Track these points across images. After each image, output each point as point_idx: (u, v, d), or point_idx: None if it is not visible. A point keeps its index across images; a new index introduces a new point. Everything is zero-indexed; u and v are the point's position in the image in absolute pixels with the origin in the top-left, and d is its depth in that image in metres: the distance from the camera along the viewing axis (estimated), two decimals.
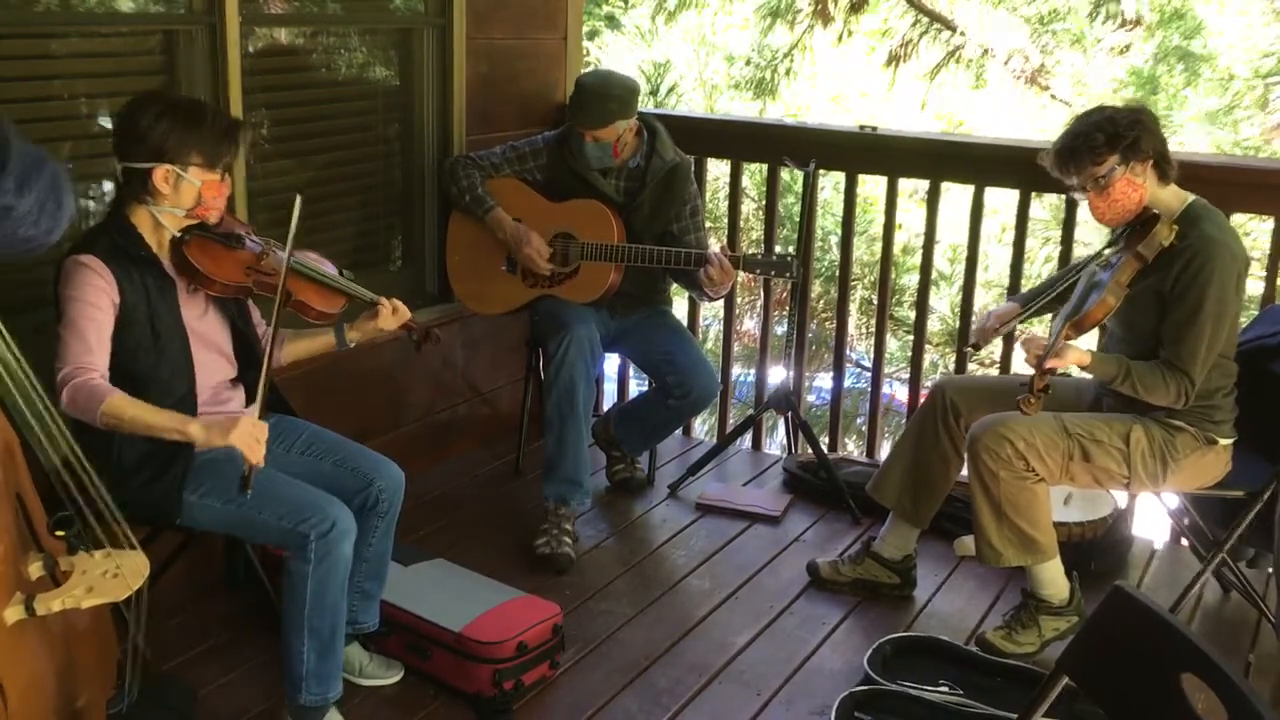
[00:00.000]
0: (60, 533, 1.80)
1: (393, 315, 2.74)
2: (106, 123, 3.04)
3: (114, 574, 1.79)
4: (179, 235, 2.49)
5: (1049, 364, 2.73)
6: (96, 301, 2.37)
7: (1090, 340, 3.00)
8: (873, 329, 4.40)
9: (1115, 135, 2.79)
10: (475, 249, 3.73)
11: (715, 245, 3.53)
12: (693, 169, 3.79)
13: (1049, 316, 3.23)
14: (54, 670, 1.83)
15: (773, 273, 3.43)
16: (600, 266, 3.56)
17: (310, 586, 2.45)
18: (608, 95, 3.47)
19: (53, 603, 1.72)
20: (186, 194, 2.45)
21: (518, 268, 3.69)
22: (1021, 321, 3.14)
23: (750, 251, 3.50)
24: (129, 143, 2.41)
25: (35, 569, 1.78)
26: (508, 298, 3.73)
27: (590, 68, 4.46)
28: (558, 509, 3.48)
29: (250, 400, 2.66)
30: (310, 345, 2.80)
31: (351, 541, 2.49)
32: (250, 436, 2.33)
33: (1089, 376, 2.95)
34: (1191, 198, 2.88)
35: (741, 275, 3.52)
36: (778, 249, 3.51)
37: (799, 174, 3.76)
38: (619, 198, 3.62)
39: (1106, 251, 2.91)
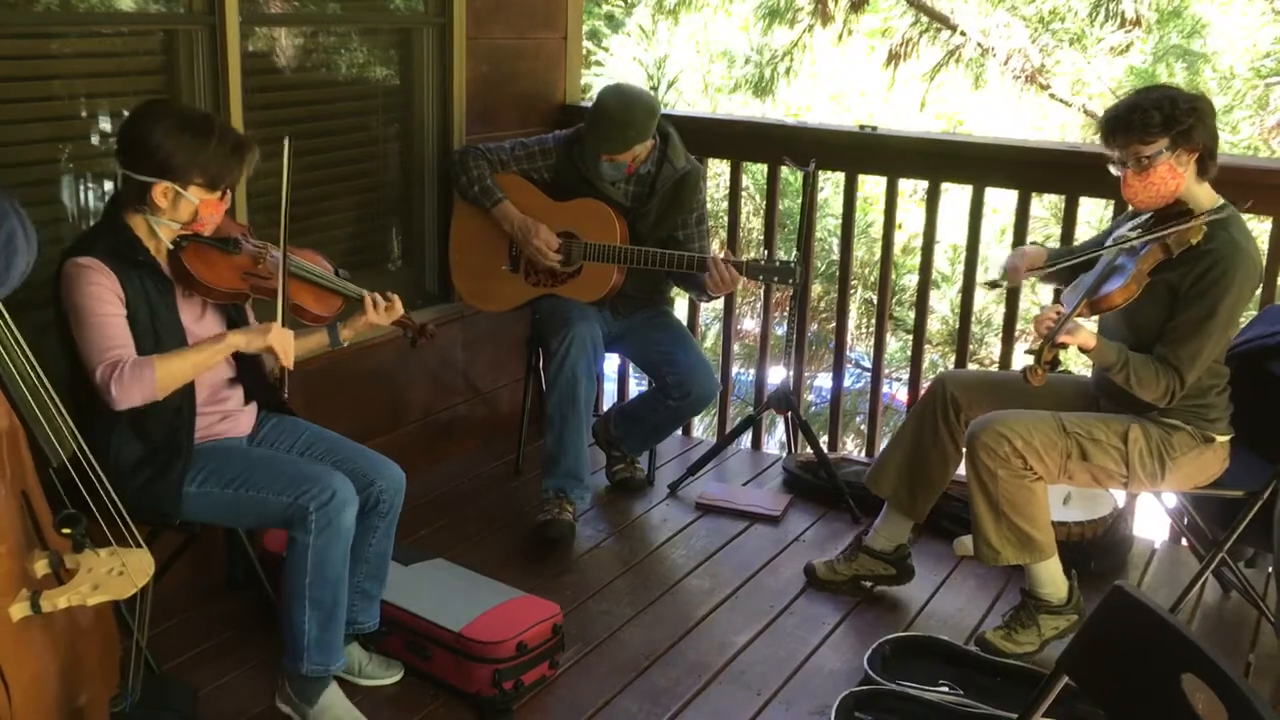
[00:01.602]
0: (66, 530, 1.80)
1: (382, 311, 2.73)
2: (107, 123, 3.04)
3: (119, 572, 1.79)
4: (173, 245, 2.50)
5: (1061, 338, 2.70)
6: (106, 299, 2.38)
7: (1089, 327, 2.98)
8: (872, 329, 4.40)
9: (1171, 118, 2.74)
10: (478, 246, 3.73)
11: (717, 247, 3.52)
12: (702, 177, 3.79)
13: (1046, 295, 3.20)
14: (57, 667, 1.83)
15: (775, 279, 3.42)
16: (603, 267, 3.56)
17: (311, 557, 2.45)
18: (629, 122, 3.44)
19: (59, 600, 1.72)
20: (184, 210, 2.45)
21: (520, 266, 3.69)
22: (1043, 276, 3.11)
23: (752, 257, 3.49)
24: (134, 153, 2.41)
25: (40, 566, 1.78)
26: (510, 295, 3.74)
27: (599, 73, 4.45)
28: (557, 497, 3.49)
29: (248, 400, 2.67)
30: (304, 344, 2.81)
31: (353, 511, 2.49)
32: (284, 339, 2.50)
33: (1087, 375, 2.95)
34: (1222, 200, 2.85)
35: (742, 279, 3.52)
36: (780, 255, 3.50)
37: (799, 174, 3.76)
38: (627, 202, 3.62)
39: (1130, 234, 2.86)
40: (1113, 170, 2.87)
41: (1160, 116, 2.75)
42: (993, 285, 3.19)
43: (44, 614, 1.71)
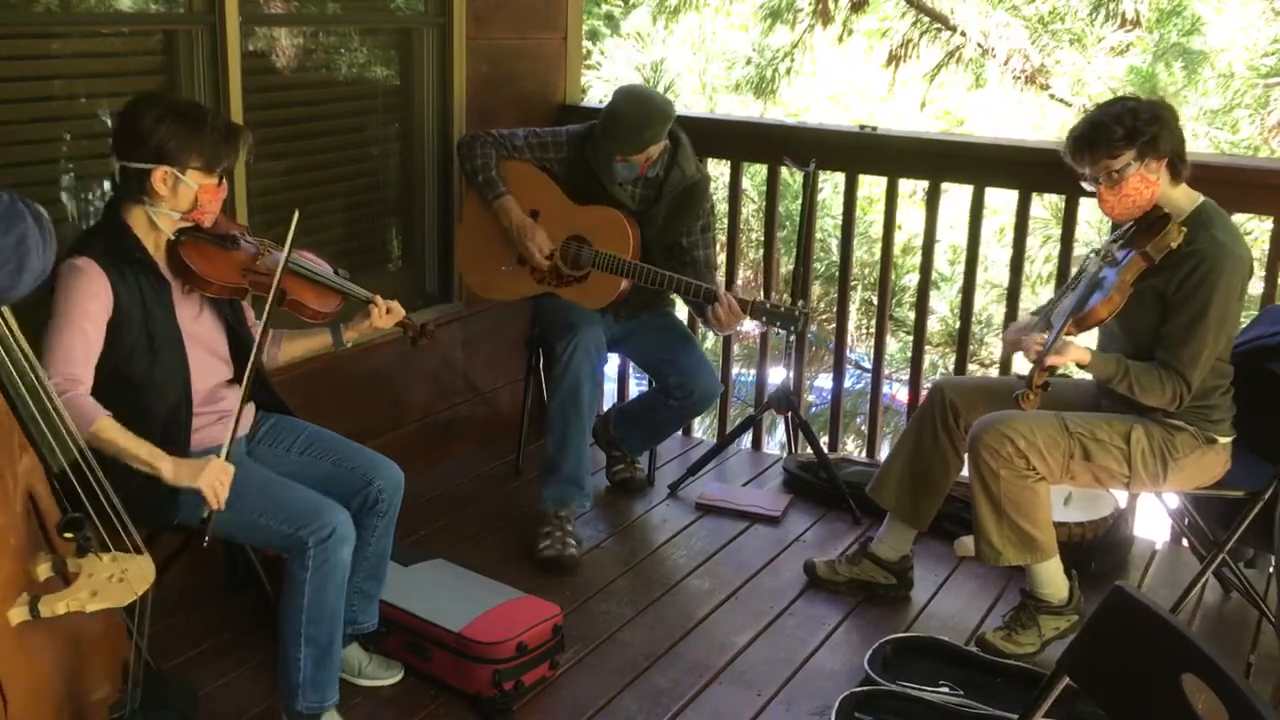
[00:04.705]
0: (69, 535, 1.79)
1: (386, 314, 2.74)
2: (107, 123, 3.04)
3: (119, 578, 1.78)
4: (174, 237, 2.49)
5: (1050, 360, 2.71)
6: (88, 311, 2.36)
7: (1089, 338, 2.99)
8: (872, 330, 4.40)
9: (1134, 130, 2.75)
10: (487, 236, 3.68)
11: (720, 262, 3.48)
12: (710, 185, 3.77)
13: (1047, 294, 3.21)
14: (61, 673, 1.82)
15: (778, 324, 3.35)
16: (610, 278, 3.54)
17: (308, 593, 2.45)
18: (645, 124, 3.44)
19: (57, 605, 1.71)
20: (184, 197, 2.44)
21: (528, 262, 3.68)
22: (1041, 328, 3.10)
23: (759, 299, 3.43)
24: (129, 143, 2.41)
25: (44, 570, 1.77)
26: (514, 287, 3.72)
27: (599, 73, 4.44)
28: (558, 512, 3.48)
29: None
30: (307, 344, 2.80)
31: (350, 548, 2.49)
32: (216, 480, 2.34)
33: (1088, 376, 2.95)
34: (1201, 198, 2.85)
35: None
36: (785, 298, 3.46)
37: (799, 174, 3.76)
38: (634, 205, 3.61)
39: (1111, 247, 2.88)
40: (1086, 187, 2.88)
41: (1123, 130, 2.76)
42: (1030, 383, 3.10)
43: (48, 618, 1.70)
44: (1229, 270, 2.75)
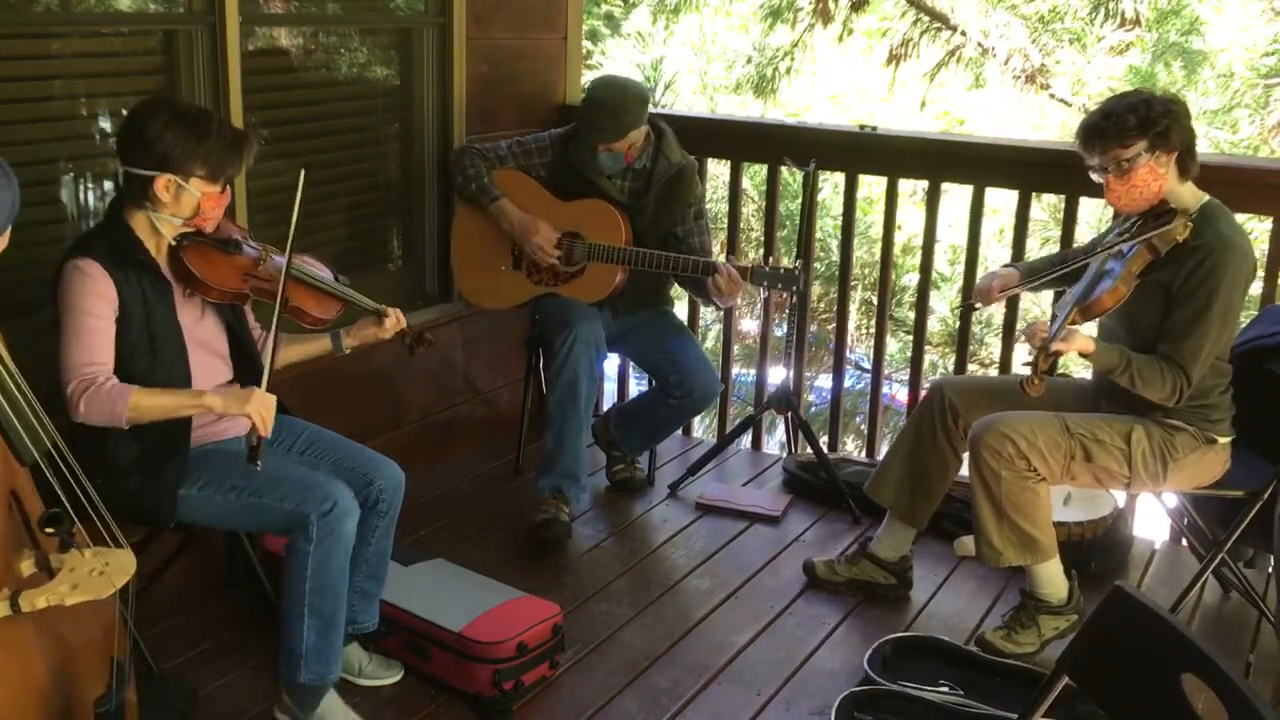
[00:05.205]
0: (49, 529, 1.79)
1: (390, 325, 2.75)
2: (107, 123, 3.04)
3: (100, 572, 1.78)
4: (176, 242, 2.50)
5: (1055, 347, 2.72)
6: (95, 309, 2.37)
7: (1089, 331, 3.00)
8: (872, 330, 4.40)
9: (1147, 120, 2.76)
10: (480, 244, 3.72)
11: (718, 248, 3.52)
12: (698, 171, 3.78)
13: (1046, 299, 3.22)
14: (53, 674, 1.81)
15: (779, 285, 3.42)
16: (606, 268, 3.56)
17: (311, 566, 2.45)
18: (623, 109, 3.46)
19: (37, 599, 1.70)
20: (186, 204, 2.45)
21: (523, 264, 3.69)
22: (1022, 290, 3.13)
23: (755, 263, 3.48)
24: (133, 148, 2.41)
25: (27, 566, 1.77)
26: (512, 293, 3.73)
27: (599, 73, 4.45)
28: (554, 498, 3.49)
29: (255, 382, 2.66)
30: (305, 349, 2.81)
31: (354, 521, 2.49)
32: (262, 408, 2.40)
33: (1089, 378, 2.95)
34: (1207, 197, 2.86)
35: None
36: (784, 262, 3.51)
37: (799, 174, 3.76)
38: (624, 198, 3.61)
39: (1118, 240, 2.89)
40: (1094, 177, 2.88)
41: (1136, 119, 2.77)
42: (969, 309, 3.20)
43: (36, 618, 1.70)
44: (1233, 266, 2.76)
